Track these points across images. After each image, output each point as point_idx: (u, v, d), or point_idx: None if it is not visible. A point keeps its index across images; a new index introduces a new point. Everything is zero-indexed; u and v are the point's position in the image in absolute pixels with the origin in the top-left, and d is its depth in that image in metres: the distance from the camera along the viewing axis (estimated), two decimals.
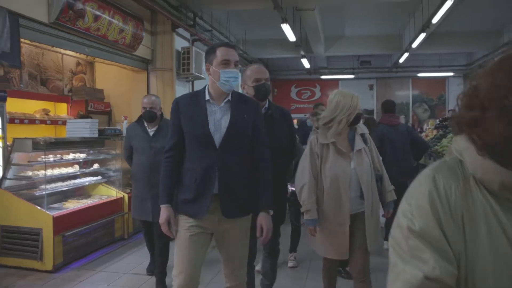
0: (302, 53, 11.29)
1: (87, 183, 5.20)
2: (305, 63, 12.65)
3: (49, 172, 4.57)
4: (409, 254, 0.80)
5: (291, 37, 8.89)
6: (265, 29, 10.95)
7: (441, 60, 14.06)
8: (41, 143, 4.29)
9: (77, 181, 5.05)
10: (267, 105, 2.69)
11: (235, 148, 2.19)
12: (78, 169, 5.14)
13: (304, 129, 5.50)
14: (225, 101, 2.22)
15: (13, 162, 4.34)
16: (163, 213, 2.19)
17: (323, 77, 15.15)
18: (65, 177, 4.91)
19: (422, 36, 9.10)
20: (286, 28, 8.12)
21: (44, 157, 4.43)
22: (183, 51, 7.58)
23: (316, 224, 2.66)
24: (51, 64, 7.03)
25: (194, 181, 2.15)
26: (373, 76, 15.22)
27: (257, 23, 10.58)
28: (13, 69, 5.78)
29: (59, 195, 4.91)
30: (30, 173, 4.42)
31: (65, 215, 4.34)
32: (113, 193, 5.29)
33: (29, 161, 4.41)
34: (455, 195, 0.82)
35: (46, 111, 6.28)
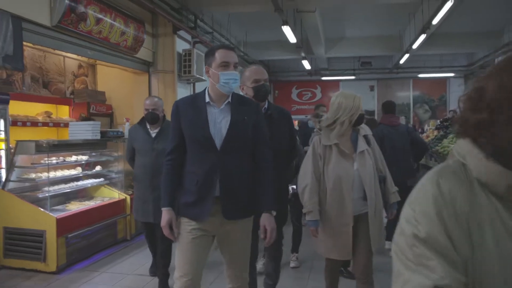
0: (302, 54, 11.32)
1: (89, 185, 5.23)
2: (306, 64, 12.67)
3: (52, 174, 4.59)
4: (415, 262, 0.78)
5: (292, 39, 8.90)
6: (265, 31, 10.99)
7: (441, 60, 14.07)
8: (44, 145, 4.32)
9: (80, 183, 5.08)
10: (266, 105, 2.69)
11: (236, 150, 2.18)
12: (80, 171, 5.17)
13: (305, 130, 5.49)
14: (225, 103, 2.21)
15: (17, 164, 4.37)
16: (165, 216, 2.18)
17: (323, 78, 15.18)
18: (67, 179, 4.94)
19: (422, 37, 9.12)
20: (286, 30, 8.15)
21: (47, 159, 4.46)
22: (184, 53, 7.61)
23: (318, 225, 2.66)
24: (53, 66, 7.06)
25: (195, 183, 2.15)
26: (374, 77, 15.24)
27: (257, 25, 10.60)
28: (15, 72, 5.82)
29: (62, 197, 4.94)
30: (33, 175, 4.45)
31: (68, 217, 4.37)
32: (115, 194, 5.31)
33: (32, 163, 4.43)
34: (460, 199, 0.79)
35: (48, 114, 6.31)
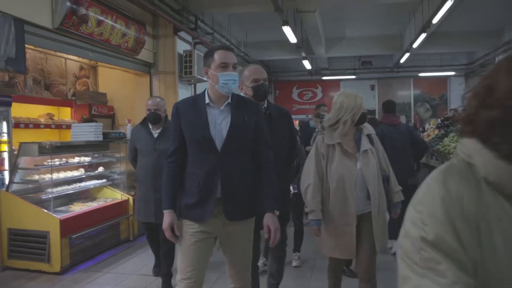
0: (303, 54, 11.32)
1: (92, 186, 5.26)
2: (306, 64, 12.66)
3: (55, 175, 4.62)
4: (423, 266, 0.74)
5: (292, 39, 8.90)
6: (266, 31, 10.99)
7: (442, 59, 14.06)
8: (47, 147, 4.35)
9: (83, 184, 5.11)
10: (265, 105, 2.69)
11: (237, 151, 2.18)
12: (83, 172, 5.19)
13: (306, 130, 5.50)
14: (225, 104, 2.20)
15: (20, 166, 4.40)
16: (166, 218, 2.17)
17: (324, 78, 15.18)
18: (70, 181, 4.97)
19: (422, 36, 9.12)
20: (287, 30, 8.15)
21: (50, 161, 4.49)
22: (185, 54, 7.63)
23: (320, 224, 2.67)
24: (55, 69, 7.10)
25: (197, 185, 2.15)
26: (374, 76, 15.24)
27: (258, 26, 10.62)
28: (17, 74, 5.85)
29: (65, 198, 4.97)
30: (36, 177, 4.48)
31: (71, 218, 4.40)
32: (118, 195, 5.34)
33: (36, 165, 4.46)
34: (467, 199, 0.76)
35: (50, 116, 6.34)
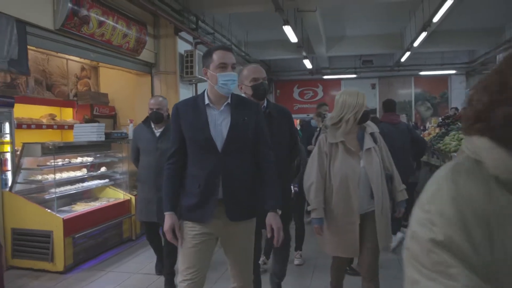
0: (304, 54, 11.33)
1: (94, 186, 5.29)
2: (307, 63, 12.67)
3: (58, 175, 4.65)
4: (433, 269, 0.70)
5: (293, 38, 8.91)
6: (266, 31, 11.02)
7: (443, 58, 14.07)
8: (50, 147, 4.38)
9: (85, 184, 5.15)
10: (265, 104, 2.69)
11: (237, 151, 2.17)
12: (85, 172, 5.23)
13: (308, 129, 5.53)
14: (225, 104, 2.20)
15: (23, 166, 4.44)
16: (167, 220, 2.17)
17: (325, 77, 15.20)
18: (73, 181, 5.00)
19: (423, 35, 9.12)
20: (287, 29, 8.17)
21: (53, 161, 4.53)
22: (186, 54, 7.65)
23: (322, 223, 2.66)
24: (56, 69, 7.13)
25: (197, 186, 2.14)
26: (375, 75, 15.24)
27: (258, 25, 10.64)
28: (19, 75, 5.88)
29: (67, 198, 5.00)
30: (39, 177, 4.52)
31: (74, 218, 4.43)
32: (120, 195, 5.37)
33: (39, 165, 4.50)
34: (478, 198, 0.73)
35: (52, 116, 6.38)
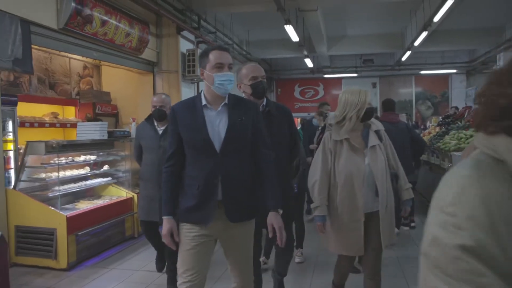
0: (305, 53, 11.36)
1: (97, 184, 5.33)
2: (308, 62, 12.71)
3: (61, 174, 4.70)
4: (460, 278, 0.64)
5: (294, 37, 8.95)
6: (268, 30, 11.06)
7: (443, 57, 14.11)
8: (54, 145, 4.42)
9: (88, 182, 5.19)
10: (265, 102, 2.68)
11: (236, 151, 2.15)
12: (88, 170, 5.27)
13: (310, 128, 5.56)
14: (222, 104, 2.17)
15: (27, 164, 4.47)
16: (166, 224, 2.15)
17: (326, 76, 15.24)
18: (76, 179, 5.04)
19: (424, 34, 9.16)
20: (289, 29, 8.20)
21: (57, 159, 4.57)
22: (188, 53, 7.70)
23: (324, 220, 2.67)
24: (59, 68, 7.17)
25: (196, 188, 2.12)
26: (376, 74, 15.28)
27: (260, 24, 10.68)
28: (23, 74, 5.92)
29: (71, 196, 5.04)
30: (43, 175, 4.56)
31: (78, 215, 4.47)
32: (122, 193, 5.41)
33: (42, 164, 4.54)
34: (506, 199, 0.67)
35: (55, 114, 6.42)
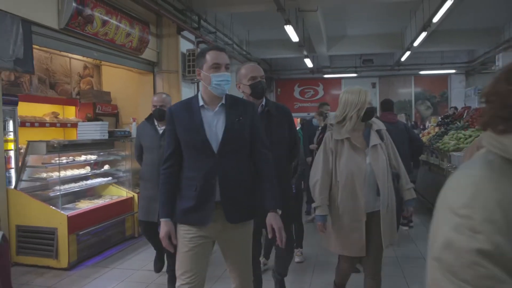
0: (305, 53, 11.38)
1: (98, 184, 5.35)
2: (308, 62, 12.72)
3: (62, 173, 4.71)
4: (477, 285, 0.62)
5: (294, 37, 8.95)
6: (268, 30, 11.08)
7: (443, 57, 14.12)
8: (55, 145, 4.44)
9: (89, 182, 5.21)
10: (264, 102, 2.67)
11: (234, 152, 2.14)
12: (89, 170, 5.28)
13: (310, 128, 5.57)
14: (220, 105, 2.16)
15: (28, 164, 4.49)
16: (163, 227, 2.14)
17: (326, 76, 15.25)
18: (77, 178, 5.06)
19: (423, 34, 9.18)
20: (289, 29, 8.21)
21: (58, 159, 4.58)
22: (188, 53, 7.71)
23: (325, 220, 2.66)
24: (59, 68, 7.18)
25: (194, 189, 2.11)
26: (375, 74, 15.30)
27: (260, 24, 10.70)
28: (25, 74, 5.93)
29: (71, 196, 5.06)
30: (44, 175, 4.58)
31: (78, 215, 4.49)
32: (123, 193, 5.43)
33: (43, 163, 4.55)
34: None
35: (55, 114, 6.43)
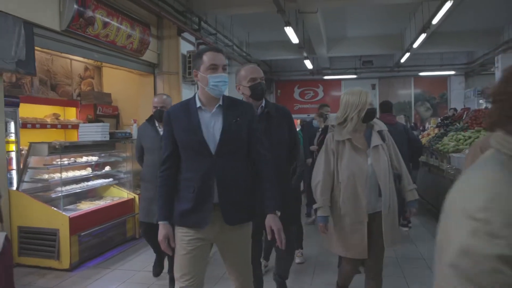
0: (304, 54, 11.41)
1: (99, 185, 5.36)
2: (308, 64, 12.74)
3: (64, 174, 4.73)
4: None
5: (294, 39, 8.99)
6: (268, 32, 11.11)
7: (442, 59, 14.15)
8: (57, 147, 4.46)
9: (90, 183, 5.22)
10: (263, 104, 2.66)
11: (231, 153, 2.13)
12: (90, 171, 5.30)
13: (310, 130, 5.59)
14: (217, 106, 2.15)
15: (30, 165, 4.51)
16: (161, 230, 2.14)
17: (325, 77, 15.29)
18: (78, 180, 5.08)
19: (422, 36, 9.21)
20: (289, 31, 8.24)
21: (59, 160, 4.60)
22: (188, 55, 7.74)
23: (327, 221, 2.67)
24: (61, 69, 7.20)
25: (192, 191, 2.09)
26: (375, 75, 15.35)
27: (260, 26, 10.73)
28: (26, 75, 5.95)
29: (73, 197, 5.08)
30: (46, 176, 4.59)
31: (80, 216, 4.51)
32: (124, 194, 5.45)
33: (45, 165, 4.57)
34: None
35: (56, 116, 6.44)
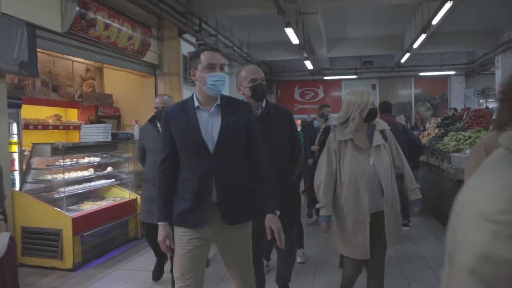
0: (305, 55, 11.44)
1: (101, 186, 5.40)
2: (308, 64, 12.78)
3: (66, 175, 4.76)
4: None
5: (294, 40, 9.02)
6: (268, 33, 11.15)
7: (442, 59, 14.18)
8: (60, 148, 4.49)
9: (92, 184, 5.25)
10: (264, 104, 2.67)
11: (230, 152, 2.13)
12: (92, 172, 5.33)
13: (310, 130, 5.62)
14: (215, 105, 2.15)
15: (33, 166, 4.54)
16: (161, 231, 2.14)
17: (326, 78, 15.33)
18: (81, 180, 5.11)
19: (423, 36, 9.25)
20: (289, 31, 8.27)
21: (62, 161, 4.64)
22: (189, 56, 7.76)
23: (329, 221, 2.69)
24: (62, 71, 7.24)
25: (191, 190, 2.09)
26: (375, 76, 15.39)
27: (260, 27, 10.77)
28: (29, 77, 5.97)
29: (75, 197, 5.11)
30: (49, 177, 4.62)
31: (83, 216, 4.54)
32: (126, 195, 5.48)
33: (48, 165, 4.60)
34: None
35: (58, 117, 6.47)
